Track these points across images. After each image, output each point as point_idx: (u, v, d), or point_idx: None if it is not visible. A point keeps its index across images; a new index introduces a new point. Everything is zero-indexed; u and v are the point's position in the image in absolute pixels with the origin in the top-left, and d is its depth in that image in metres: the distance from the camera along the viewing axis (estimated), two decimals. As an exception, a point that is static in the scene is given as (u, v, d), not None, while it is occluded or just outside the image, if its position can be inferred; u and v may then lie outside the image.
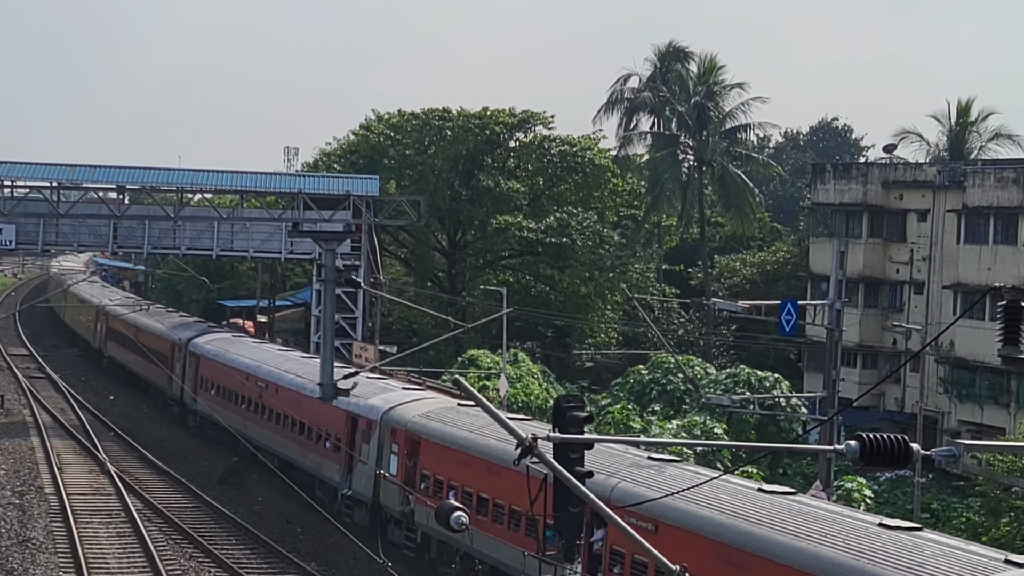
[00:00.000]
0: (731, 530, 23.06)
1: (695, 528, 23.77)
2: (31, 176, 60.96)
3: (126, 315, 70.97)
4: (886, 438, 11.03)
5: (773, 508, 23.65)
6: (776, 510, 23.58)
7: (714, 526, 23.52)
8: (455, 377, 13.11)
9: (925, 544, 21.04)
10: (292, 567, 34.44)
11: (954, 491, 48.74)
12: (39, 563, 33.56)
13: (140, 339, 65.19)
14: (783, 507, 23.82)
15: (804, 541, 21.85)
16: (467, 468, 32.12)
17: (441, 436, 33.95)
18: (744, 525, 23.03)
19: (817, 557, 21.26)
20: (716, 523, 23.54)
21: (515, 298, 62.98)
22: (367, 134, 76.12)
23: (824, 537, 21.81)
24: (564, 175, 75.33)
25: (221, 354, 53.59)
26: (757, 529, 22.73)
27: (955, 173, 58.69)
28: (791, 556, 21.68)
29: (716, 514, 23.73)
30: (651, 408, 48.21)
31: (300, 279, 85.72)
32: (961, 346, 55.38)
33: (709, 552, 23.06)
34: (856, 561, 20.70)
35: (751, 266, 77.79)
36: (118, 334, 71.28)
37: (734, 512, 23.56)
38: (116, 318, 72.65)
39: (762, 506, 23.82)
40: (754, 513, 23.38)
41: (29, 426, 55.22)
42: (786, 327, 33.07)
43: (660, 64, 77.95)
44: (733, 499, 24.29)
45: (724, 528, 23.31)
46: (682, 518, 24.07)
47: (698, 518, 23.83)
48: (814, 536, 21.95)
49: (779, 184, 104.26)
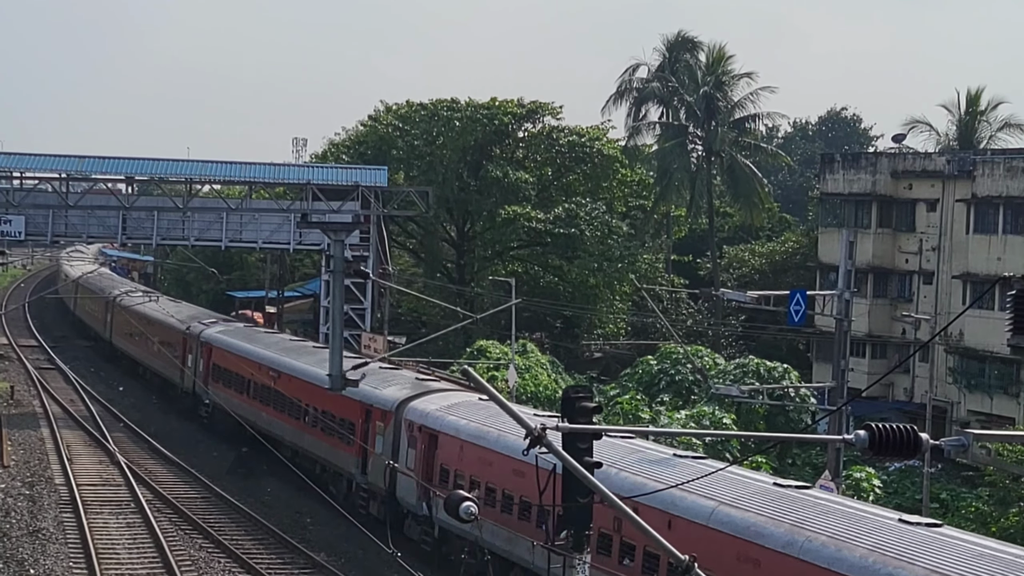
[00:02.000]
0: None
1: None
2: (40, 167, 61.07)
3: (135, 306, 70.43)
4: (895, 428, 11.01)
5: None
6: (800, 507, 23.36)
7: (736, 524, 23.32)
8: (464, 368, 13.11)
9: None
10: (302, 557, 34.50)
11: (963, 481, 48.71)
12: (49, 554, 33.65)
13: (150, 330, 64.92)
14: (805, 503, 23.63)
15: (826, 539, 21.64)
16: (490, 466, 31.24)
17: (463, 431, 32.81)
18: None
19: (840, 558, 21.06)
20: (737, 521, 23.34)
21: (524, 289, 63.01)
22: (376, 125, 76.15)
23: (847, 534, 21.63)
24: (573, 165, 75.32)
25: (234, 344, 53.20)
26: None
27: (964, 163, 58.58)
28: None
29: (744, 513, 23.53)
30: (660, 398, 48.20)
31: (309, 270, 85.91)
32: (970, 336, 55.31)
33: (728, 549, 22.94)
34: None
35: (760, 256, 77.74)
36: (127, 325, 70.77)
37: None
38: (125, 309, 72.10)
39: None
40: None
41: (39, 417, 55.34)
42: (795, 317, 33.00)
43: (669, 54, 77.83)
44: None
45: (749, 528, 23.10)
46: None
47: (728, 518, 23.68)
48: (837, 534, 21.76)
49: (788, 174, 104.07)
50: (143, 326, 66.07)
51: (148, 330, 64.67)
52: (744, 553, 22.66)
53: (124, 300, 73.53)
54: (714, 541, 23.06)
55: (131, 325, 69.15)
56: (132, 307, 70.49)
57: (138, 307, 69.53)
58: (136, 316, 68.52)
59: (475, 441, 32.14)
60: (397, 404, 36.77)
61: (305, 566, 33.88)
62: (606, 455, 20.93)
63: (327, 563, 33.70)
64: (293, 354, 47.70)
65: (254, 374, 48.93)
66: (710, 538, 23.19)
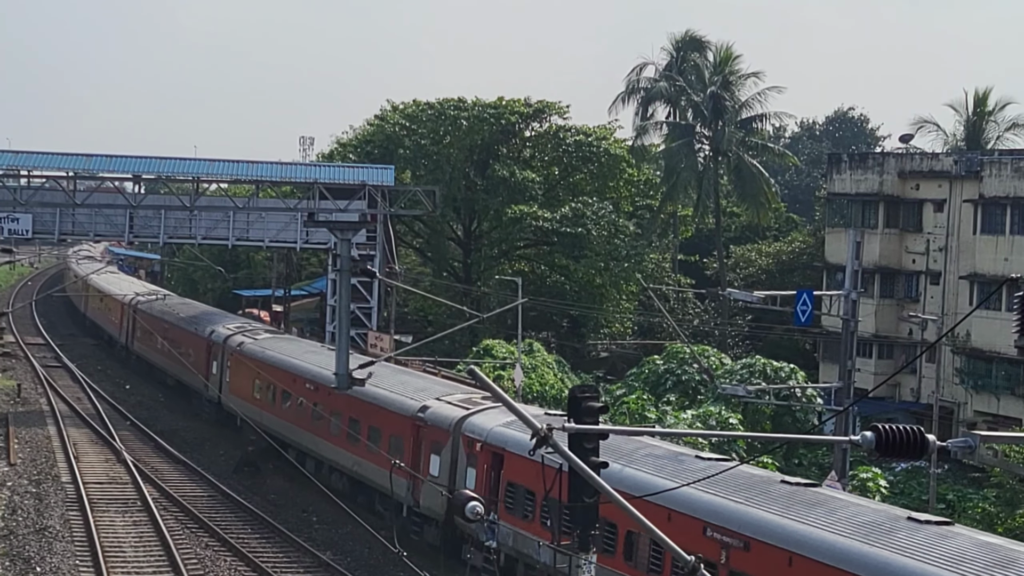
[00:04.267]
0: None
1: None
2: (47, 165, 61.12)
3: (157, 310, 67.39)
4: (902, 429, 11.01)
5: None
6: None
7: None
8: (470, 367, 13.10)
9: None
10: (308, 556, 34.52)
11: (970, 482, 48.66)
12: (56, 552, 33.71)
13: (172, 336, 62.11)
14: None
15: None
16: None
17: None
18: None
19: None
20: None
21: (530, 288, 62.98)
22: (382, 124, 76.16)
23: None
24: (579, 165, 75.31)
25: (268, 354, 49.23)
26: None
27: (972, 163, 58.50)
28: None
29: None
30: (666, 398, 48.18)
31: (315, 269, 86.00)
32: (977, 336, 55.24)
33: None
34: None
35: (767, 256, 77.71)
36: (148, 331, 66.81)
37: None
38: (146, 314, 68.48)
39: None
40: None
41: (46, 415, 55.43)
42: (801, 317, 32.98)
43: (676, 53, 77.85)
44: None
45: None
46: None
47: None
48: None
49: (795, 174, 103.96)
50: (165, 332, 63.14)
51: (169, 336, 62.23)
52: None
53: (144, 304, 70.58)
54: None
55: (152, 331, 65.69)
56: (154, 312, 67.13)
57: (160, 311, 66.49)
58: (158, 322, 65.17)
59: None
60: (455, 422, 33.82)
61: (311, 565, 33.92)
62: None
63: (333, 562, 33.73)
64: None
65: (289, 387, 45.59)
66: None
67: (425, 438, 35.20)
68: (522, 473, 29.51)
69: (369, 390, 38.71)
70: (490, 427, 32.23)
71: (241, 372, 51.31)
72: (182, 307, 67.84)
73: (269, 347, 50.51)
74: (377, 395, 38.55)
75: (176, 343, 61.17)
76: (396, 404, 37.46)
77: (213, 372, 54.79)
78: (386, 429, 37.44)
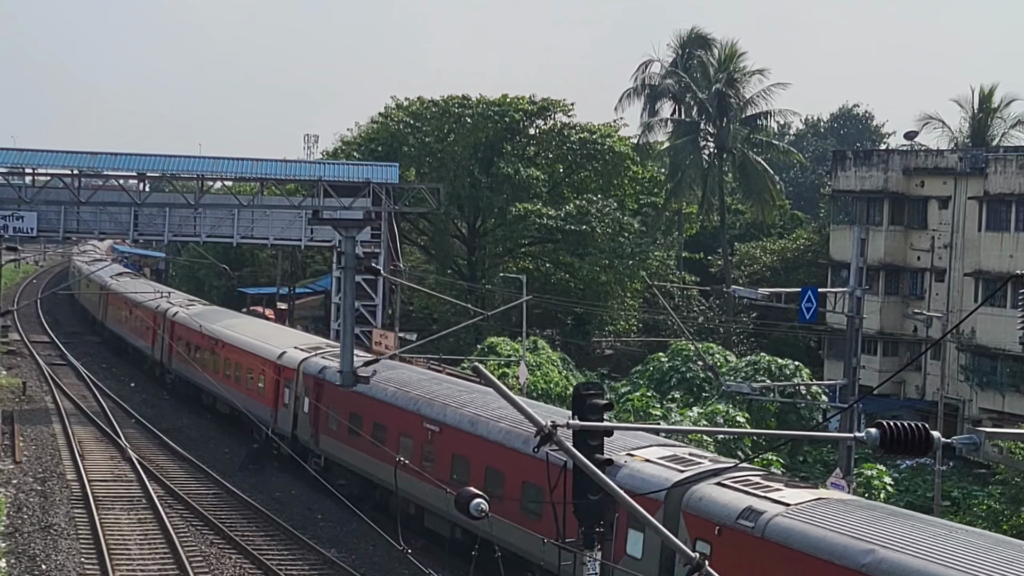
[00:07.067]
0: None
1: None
2: (52, 164, 61.17)
3: (197, 322, 57.21)
4: (907, 426, 10.98)
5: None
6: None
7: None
8: (475, 365, 13.10)
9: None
10: (313, 554, 34.53)
11: (975, 479, 48.63)
12: (61, 549, 33.74)
13: (235, 358, 51.24)
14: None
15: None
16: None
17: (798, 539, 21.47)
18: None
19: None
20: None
21: (535, 285, 62.99)
22: (387, 122, 76.20)
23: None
24: (584, 162, 75.33)
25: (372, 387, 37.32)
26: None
27: (977, 160, 58.44)
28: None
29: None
30: (671, 395, 48.15)
31: (320, 266, 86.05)
32: (982, 333, 55.20)
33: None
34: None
35: (771, 253, 77.68)
36: (193, 346, 57.24)
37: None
38: (188, 328, 58.04)
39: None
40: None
41: (51, 413, 55.46)
42: (806, 314, 32.92)
43: (682, 51, 77.89)
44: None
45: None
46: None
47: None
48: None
49: (800, 171, 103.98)
50: (228, 353, 52.33)
51: (232, 357, 51.72)
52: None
53: (185, 316, 59.88)
54: None
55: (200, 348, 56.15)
56: (203, 326, 56.06)
57: (214, 327, 54.91)
58: (215, 340, 53.77)
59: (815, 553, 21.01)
60: (668, 489, 24.28)
61: (316, 562, 33.92)
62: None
63: (338, 559, 33.73)
64: (453, 400, 34.59)
65: (399, 426, 35.93)
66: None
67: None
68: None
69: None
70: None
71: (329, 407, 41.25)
72: (232, 321, 58.01)
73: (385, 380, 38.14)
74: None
75: (231, 363, 51.87)
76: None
77: (285, 403, 44.99)
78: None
